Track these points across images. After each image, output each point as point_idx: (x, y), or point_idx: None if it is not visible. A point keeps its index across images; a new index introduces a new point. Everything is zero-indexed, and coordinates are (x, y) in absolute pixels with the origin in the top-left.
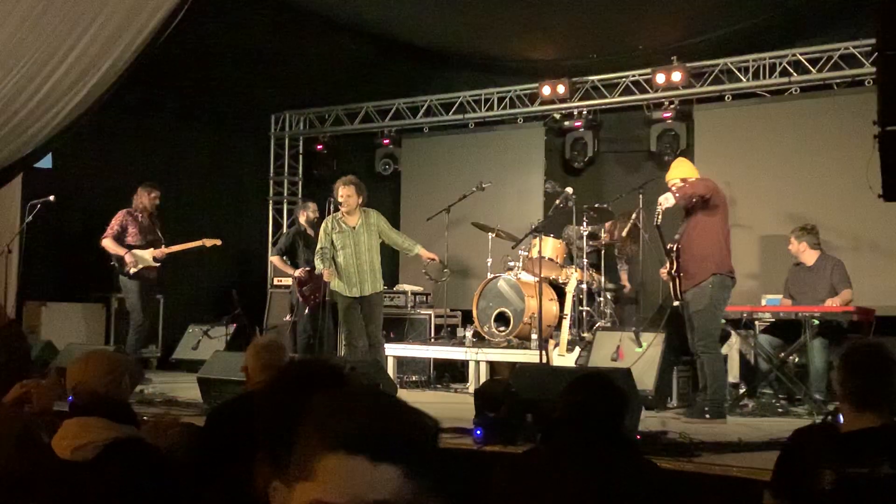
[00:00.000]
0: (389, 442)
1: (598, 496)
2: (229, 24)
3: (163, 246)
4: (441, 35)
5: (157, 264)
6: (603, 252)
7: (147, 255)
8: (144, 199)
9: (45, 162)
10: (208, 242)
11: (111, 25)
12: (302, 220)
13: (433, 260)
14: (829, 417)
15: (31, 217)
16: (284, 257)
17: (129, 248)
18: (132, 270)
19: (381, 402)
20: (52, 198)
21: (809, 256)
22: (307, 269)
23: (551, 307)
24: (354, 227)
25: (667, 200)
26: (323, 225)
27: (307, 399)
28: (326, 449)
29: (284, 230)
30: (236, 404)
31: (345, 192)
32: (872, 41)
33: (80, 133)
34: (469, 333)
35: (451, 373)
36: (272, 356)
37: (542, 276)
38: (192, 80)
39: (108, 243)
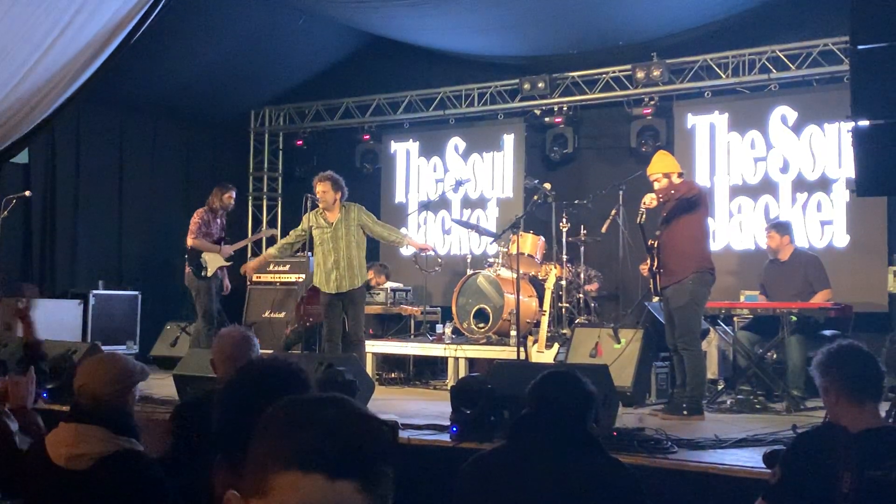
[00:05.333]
0: (346, 457)
1: (562, 493)
2: (208, 18)
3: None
4: (421, 30)
5: (230, 263)
6: (582, 249)
7: (220, 255)
8: (221, 198)
9: (21, 157)
10: (266, 234)
11: (89, 17)
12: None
13: (426, 251)
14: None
15: (6, 212)
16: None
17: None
18: (209, 273)
19: (335, 412)
20: (28, 193)
21: (786, 251)
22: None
23: (530, 304)
24: (333, 224)
25: (652, 202)
26: (305, 218)
27: (264, 402)
28: (281, 466)
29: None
30: (203, 400)
31: (321, 188)
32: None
33: (56, 128)
34: (448, 330)
35: (431, 369)
36: (235, 349)
37: (520, 272)
38: (170, 75)
39: (200, 243)
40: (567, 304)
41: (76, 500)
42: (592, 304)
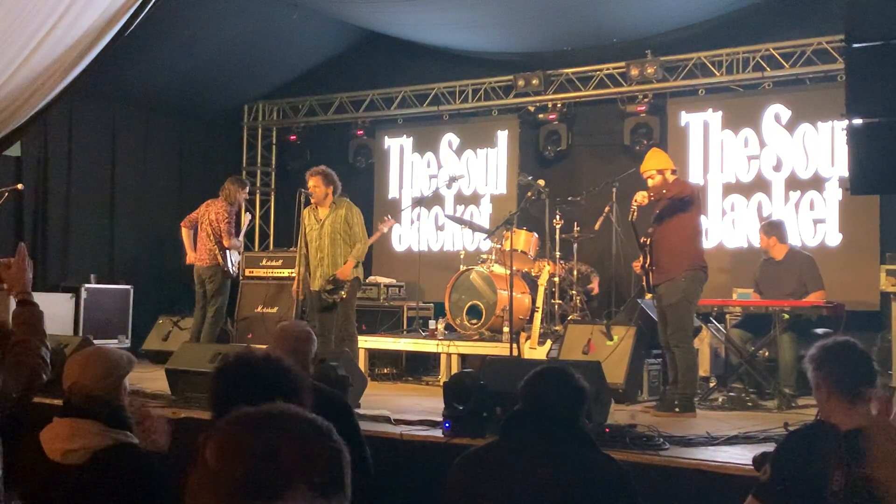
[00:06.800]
0: (257, 488)
1: (553, 489)
2: (202, 12)
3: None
4: (415, 26)
5: (240, 257)
6: (576, 246)
7: (236, 251)
8: (241, 194)
9: (13, 150)
10: (245, 218)
11: (82, 9)
12: None
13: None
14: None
15: None
16: None
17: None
18: (235, 269)
19: (267, 437)
20: (19, 186)
21: (779, 251)
22: None
23: (524, 300)
24: (322, 220)
25: (644, 199)
26: (302, 215)
27: (257, 396)
28: (209, 498)
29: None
30: None
31: (312, 183)
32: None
33: (48, 121)
34: (441, 326)
35: (423, 365)
36: (298, 343)
37: (513, 268)
38: (163, 69)
39: (234, 243)
40: (560, 301)
41: (73, 494)
42: (588, 302)
